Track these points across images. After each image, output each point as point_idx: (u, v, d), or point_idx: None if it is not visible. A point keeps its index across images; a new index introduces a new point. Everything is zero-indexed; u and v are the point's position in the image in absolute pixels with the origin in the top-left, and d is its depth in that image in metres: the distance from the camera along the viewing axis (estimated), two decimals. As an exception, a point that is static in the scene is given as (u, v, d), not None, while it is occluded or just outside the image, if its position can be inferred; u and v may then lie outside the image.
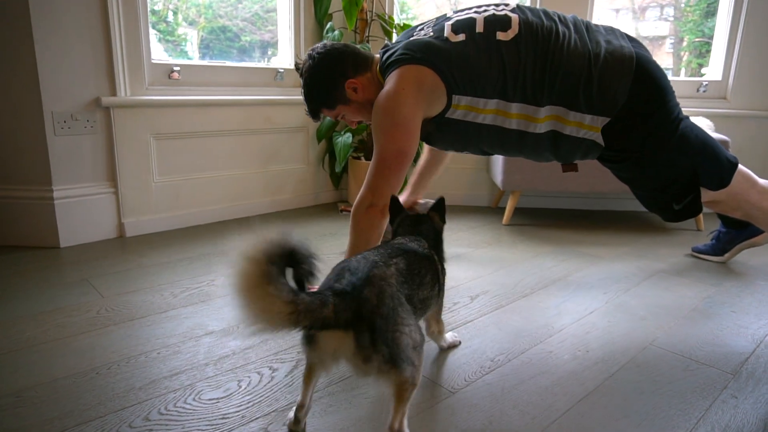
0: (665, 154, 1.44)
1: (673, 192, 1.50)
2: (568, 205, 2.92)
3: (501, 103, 1.41)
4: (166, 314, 1.51)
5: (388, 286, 0.90)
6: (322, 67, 1.50)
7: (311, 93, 1.54)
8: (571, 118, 1.39)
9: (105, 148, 2.15)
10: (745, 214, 1.60)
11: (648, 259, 2.07)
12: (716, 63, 2.86)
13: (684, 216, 1.54)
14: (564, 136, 1.43)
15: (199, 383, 1.17)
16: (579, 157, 1.52)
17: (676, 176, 1.47)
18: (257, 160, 2.62)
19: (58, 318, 1.47)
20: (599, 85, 1.36)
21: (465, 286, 1.76)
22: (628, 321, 1.52)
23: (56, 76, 1.99)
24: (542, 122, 1.42)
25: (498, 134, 1.47)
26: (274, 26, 2.79)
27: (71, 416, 1.05)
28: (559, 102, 1.38)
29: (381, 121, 1.40)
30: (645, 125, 1.41)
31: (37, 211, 2.06)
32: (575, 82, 1.36)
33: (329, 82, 1.51)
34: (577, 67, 1.36)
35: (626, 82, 1.37)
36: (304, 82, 1.54)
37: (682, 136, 1.45)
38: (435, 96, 1.41)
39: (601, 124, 1.39)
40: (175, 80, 2.33)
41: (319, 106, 1.56)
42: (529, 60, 1.38)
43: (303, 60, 1.55)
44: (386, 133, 1.39)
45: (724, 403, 1.13)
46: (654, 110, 1.41)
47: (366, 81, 1.51)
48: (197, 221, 2.44)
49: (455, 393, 1.15)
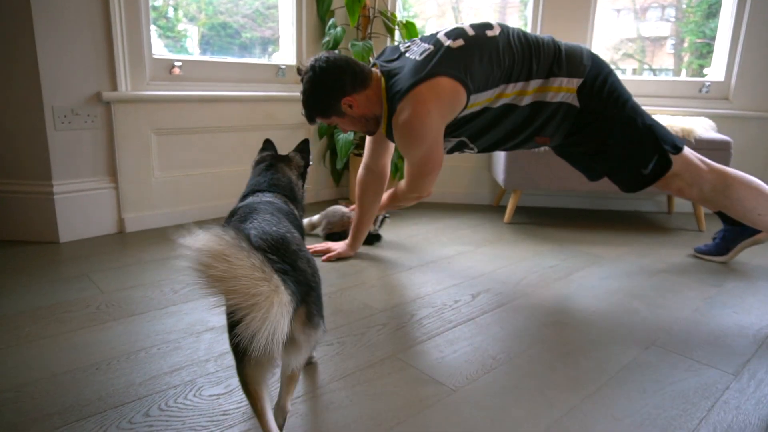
0: (625, 113, 1.68)
1: (640, 156, 1.72)
2: (570, 204, 2.92)
3: (501, 87, 1.62)
4: (167, 310, 1.50)
5: (306, 252, 0.93)
6: (321, 82, 1.61)
7: (308, 101, 1.65)
8: (551, 83, 1.64)
9: (105, 143, 2.14)
10: (702, 194, 1.79)
11: (649, 259, 2.07)
12: (718, 63, 2.86)
13: (655, 176, 1.74)
14: (545, 104, 1.65)
15: (200, 379, 1.16)
16: (555, 124, 1.69)
17: (639, 137, 1.70)
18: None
19: (57, 313, 1.47)
20: (567, 57, 1.65)
21: (467, 284, 1.75)
22: (629, 320, 1.52)
23: (57, 71, 1.97)
24: (530, 94, 1.64)
25: (489, 113, 1.65)
26: (274, 23, 2.78)
27: (71, 411, 1.04)
28: (543, 75, 1.63)
29: (409, 141, 1.59)
30: (605, 86, 1.66)
31: (37, 206, 2.05)
32: (552, 57, 1.64)
33: (326, 96, 1.63)
34: (551, 48, 1.66)
35: (586, 54, 1.68)
36: (303, 89, 1.65)
37: (634, 105, 1.73)
38: (457, 101, 1.56)
39: (576, 85, 1.64)
40: (176, 76, 2.32)
41: (315, 114, 1.68)
42: (518, 47, 1.62)
43: (305, 68, 1.64)
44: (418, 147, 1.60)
45: (726, 403, 1.13)
46: (609, 75, 1.69)
47: (362, 99, 1.64)
48: (198, 217, 2.43)
49: (457, 391, 1.15)
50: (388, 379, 1.18)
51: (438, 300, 1.63)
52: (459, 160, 2.92)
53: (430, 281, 1.78)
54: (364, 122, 1.70)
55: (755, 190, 1.76)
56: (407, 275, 1.83)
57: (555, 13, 2.71)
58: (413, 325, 1.45)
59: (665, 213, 2.85)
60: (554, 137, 1.75)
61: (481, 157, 2.91)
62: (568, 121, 1.69)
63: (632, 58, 3.16)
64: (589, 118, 1.67)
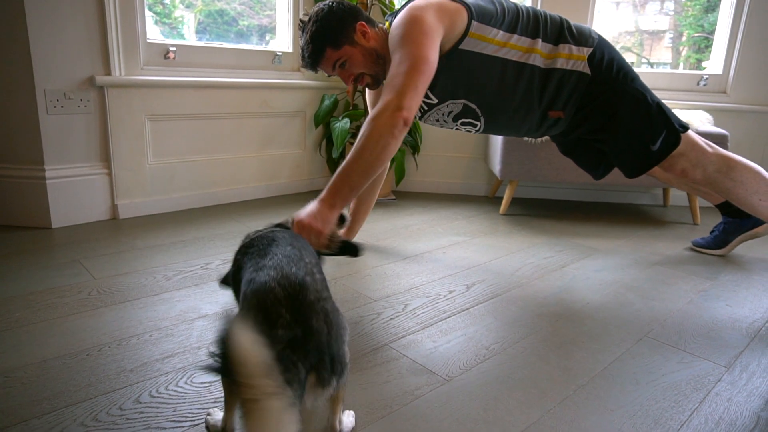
0: (635, 87, 1.67)
1: (649, 130, 1.67)
2: (566, 196, 2.92)
3: (506, 35, 1.58)
4: (159, 297, 1.49)
5: (326, 302, 0.83)
6: (337, 10, 1.55)
7: (319, 30, 1.54)
8: (561, 50, 1.62)
9: (99, 128, 2.12)
10: (706, 175, 1.75)
11: (644, 251, 2.07)
12: (717, 57, 2.85)
13: (662, 153, 1.70)
14: (556, 70, 1.62)
15: (192, 366, 1.16)
16: (567, 93, 1.65)
17: (648, 110, 1.66)
18: (253, 144, 2.59)
19: (48, 299, 1.45)
20: (575, 28, 1.66)
21: (461, 274, 1.75)
22: (623, 312, 1.52)
23: (49, 54, 1.94)
24: (539, 54, 1.61)
25: (500, 69, 1.60)
26: (272, 11, 2.75)
27: (61, 397, 1.03)
28: (552, 41, 1.62)
29: (408, 29, 1.44)
30: (613, 62, 1.66)
31: (29, 191, 2.02)
32: (559, 26, 1.64)
33: (341, 20, 1.54)
34: (557, 18, 1.66)
35: (594, 31, 1.69)
36: (313, 23, 1.55)
37: (642, 83, 1.71)
38: (457, 17, 1.51)
39: (586, 53, 1.62)
40: (171, 60, 2.30)
41: (326, 44, 1.54)
42: (522, 9, 1.63)
43: (311, 11, 1.58)
44: (413, 40, 1.43)
45: (718, 395, 1.13)
46: (615, 54, 1.69)
47: (374, 32, 1.59)
48: (191, 204, 2.42)
49: (450, 381, 1.14)
50: (380, 369, 1.18)
51: (432, 290, 1.62)
52: (455, 150, 2.91)
53: (424, 271, 1.77)
54: (374, 59, 1.58)
55: (758, 174, 1.75)
56: (401, 265, 1.82)
57: (554, 5, 2.69)
58: (407, 315, 1.45)
59: (661, 206, 2.86)
60: (566, 110, 1.69)
61: (478, 148, 2.90)
62: (580, 90, 1.65)
63: (630, 51, 3.15)
64: (599, 89, 1.64)
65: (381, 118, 1.35)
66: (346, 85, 1.66)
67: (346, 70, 1.59)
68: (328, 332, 0.80)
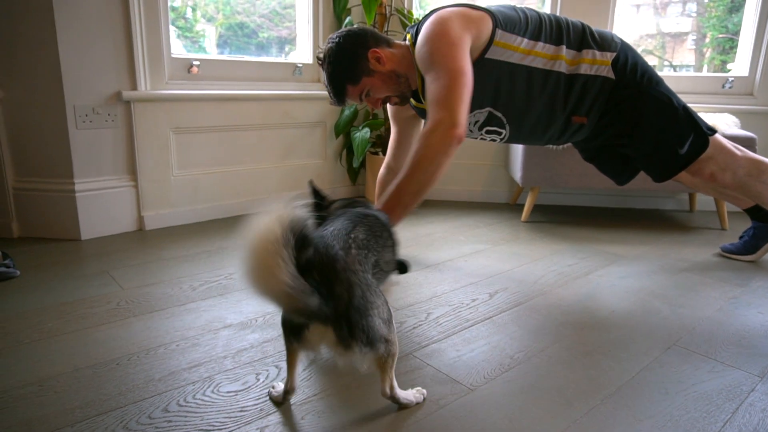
0: (660, 90, 1.65)
1: (675, 135, 1.66)
2: (588, 202, 2.88)
3: (531, 43, 1.59)
4: (185, 307, 1.52)
5: (354, 275, 0.93)
6: (345, 44, 1.56)
7: (335, 71, 1.57)
8: (584, 56, 1.62)
9: (125, 141, 2.17)
10: (736, 179, 1.72)
11: (671, 258, 2.03)
12: (743, 58, 2.79)
13: (691, 156, 1.67)
14: (580, 75, 1.62)
15: (218, 375, 1.17)
16: (590, 98, 1.64)
17: (675, 113, 1.65)
18: (275, 155, 2.62)
19: (79, 309, 1.49)
20: (598, 33, 1.66)
21: (484, 283, 1.74)
22: (650, 320, 1.49)
23: (78, 71, 2.01)
24: (564, 61, 1.61)
25: (526, 77, 1.60)
26: (291, 22, 2.79)
27: (92, 406, 1.06)
28: (575, 47, 1.62)
29: (437, 45, 1.45)
30: (637, 66, 1.65)
31: (59, 204, 2.08)
32: (581, 32, 1.64)
33: (352, 55, 1.55)
34: (579, 25, 1.66)
35: (616, 36, 1.69)
36: (327, 64, 1.58)
37: (667, 87, 1.70)
38: (483, 25, 1.52)
39: (609, 58, 1.62)
40: (194, 75, 2.35)
41: (344, 83, 1.58)
42: (545, 16, 1.64)
43: (324, 48, 1.60)
44: (446, 55, 1.43)
45: (752, 406, 1.10)
46: (638, 58, 1.68)
47: (388, 53, 1.58)
48: (215, 215, 2.45)
49: (474, 390, 1.14)
50: (405, 378, 1.18)
51: (455, 298, 1.62)
52: (476, 157, 2.90)
53: (446, 279, 1.77)
54: (395, 80, 1.60)
55: None
56: (424, 274, 1.82)
57: (573, 9, 2.67)
58: (430, 324, 1.44)
59: (687, 211, 2.80)
60: (590, 116, 1.67)
61: (498, 155, 2.89)
62: (604, 95, 1.64)
63: (652, 54, 3.11)
64: (624, 93, 1.63)
65: (434, 136, 1.35)
66: (376, 109, 1.72)
67: (372, 97, 1.63)
68: (350, 300, 0.90)
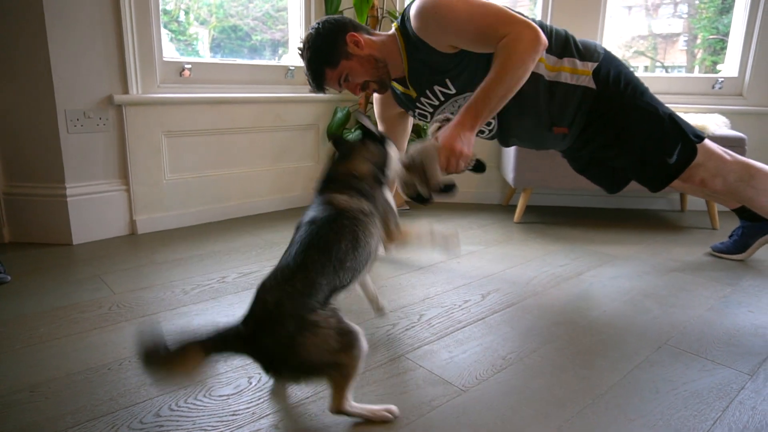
0: (644, 101, 1.65)
1: (662, 145, 1.65)
2: (580, 203, 2.89)
3: None
4: (177, 311, 1.52)
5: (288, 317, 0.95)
6: (324, 30, 1.60)
7: (314, 54, 1.61)
8: (564, 63, 1.61)
9: (117, 145, 2.17)
10: (726, 185, 1.72)
11: (662, 257, 2.04)
12: (732, 59, 2.82)
13: (681, 165, 1.66)
14: (561, 84, 1.61)
15: (210, 380, 1.17)
16: (572, 109, 1.63)
17: (661, 123, 1.64)
18: (268, 158, 2.62)
19: (71, 314, 1.48)
20: (581, 43, 1.65)
21: (476, 284, 1.74)
22: (641, 320, 1.50)
23: (69, 75, 2.00)
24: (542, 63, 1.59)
25: None
26: (284, 25, 2.79)
27: (83, 411, 1.05)
28: (556, 53, 1.61)
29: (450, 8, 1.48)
30: (620, 77, 1.64)
31: (51, 209, 2.07)
32: (564, 39, 1.63)
33: (330, 39, 1.59)
34: (562, 32, 1.65)
35: (599, 46, 1.67)
36: (307, 49, 1.63)
37: (652, 96, 1.69)
38: None
39: (591, 68, 1.61)
40: (186, 78, 2.34)
41: (323, 66, 1.62)
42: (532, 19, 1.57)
43: (303, 37, 1.64)
44: (462, 10, 1.47)
45: (742, 404, 1.11)
46: (622, 68, 1.67)
47: (367, 38, 1.62)
48: (208, 218, 2.45)
49: (467, 391, 1.14)
50: (397, 380, 1.18)
51: (447, 300, 1.62)
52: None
53: (439, 281, 1.77)
54: (373, 64, 1.63)
55: None
56: (416, 275, 1.83)
57: (565, 10, 2.69)
58: (422, 326, 1.45)
59: (678, 211, 2.82)
60: (572, 127, 1.68)
61: (491, 156, 2.90)
62: (586, 105, 1.63)
63: (644, 55, 3.13)
64: (606, 105, 1.62)
65: (521, 43, 1.42)
66: (355, 95, 1.70)
67: (351, 82, 1.66)
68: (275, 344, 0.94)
